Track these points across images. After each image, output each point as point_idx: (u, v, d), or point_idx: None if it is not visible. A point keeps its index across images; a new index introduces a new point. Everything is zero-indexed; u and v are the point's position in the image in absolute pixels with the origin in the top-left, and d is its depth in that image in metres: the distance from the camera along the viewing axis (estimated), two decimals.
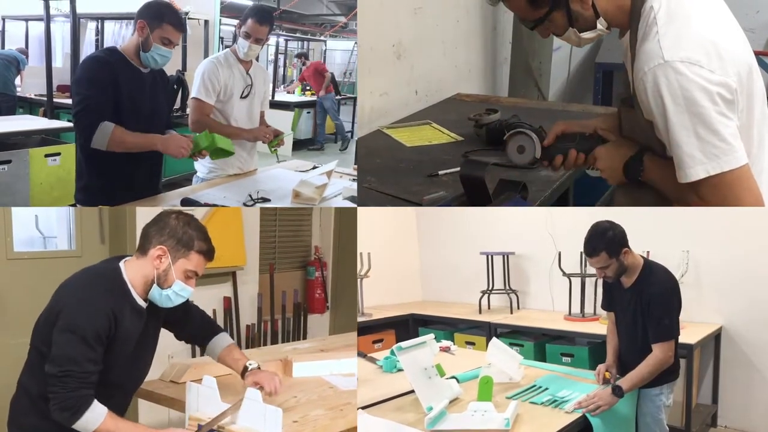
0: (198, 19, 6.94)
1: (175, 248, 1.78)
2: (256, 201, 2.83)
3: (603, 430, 2.04)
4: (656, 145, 1.71)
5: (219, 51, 5.59)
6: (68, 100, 6.33)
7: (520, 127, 2.02)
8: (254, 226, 4.04)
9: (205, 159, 3.01)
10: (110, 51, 2.76)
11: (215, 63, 3.19)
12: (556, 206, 2.69)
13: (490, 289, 4.20)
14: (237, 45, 3.21)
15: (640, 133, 1.77)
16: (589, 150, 1.90)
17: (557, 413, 2.06)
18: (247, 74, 3.28)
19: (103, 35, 7.22)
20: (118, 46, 2.77)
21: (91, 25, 7.56)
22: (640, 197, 1.86)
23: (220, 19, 7.61)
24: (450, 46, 4.23)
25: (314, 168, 3.51)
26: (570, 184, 2.86)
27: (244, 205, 2.82)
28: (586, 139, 1.92)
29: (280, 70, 11.81)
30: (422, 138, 3.16)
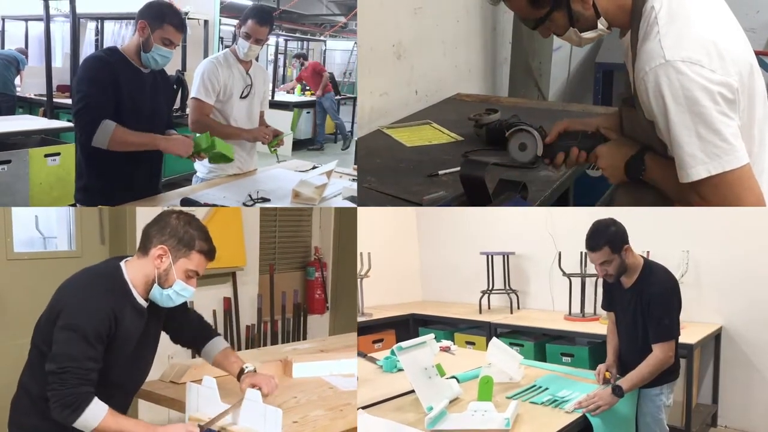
0: (198, 19, 6.93)
1: (176, 248, 1.78)
2: (256, 201, 2.83)
3: (603, 430, 2.04)
4: (657, 144, 1.71)
5: (219, 51, 5.59)
6: (68, 100, 6.32)
7: (522, 126, 2.02)
8: (254, 227, 4.04)
9: (205, 160, 3.01)
10: (111, 51, 2.76)
11: (215, 63, 3.19)
12: (556, 206, 2.68)
13: (490, 289, 4.20)
14: (237, 45, 3.21)
15: (641, 132, 1.77)
16: (591, 148, 1.90)
17: (557, 413, 2.06)
18: (247, 74, 3.28)
19: (103, 35, 7.22)
20: (118, 46, 2.77)
21: (91, 25, 7.55)
22: (641, 197, 1.86)
23: (220, 19, 7.61)
24: (450, 46, 4.23)
25: (314, 168, 3.51)
26: (570, 184, 2.86)
27: (244, 205, 2.82)
28: (588, 138, 1.92)
29: (280, 70, 11.81)
30: (422, 138, 3.15)
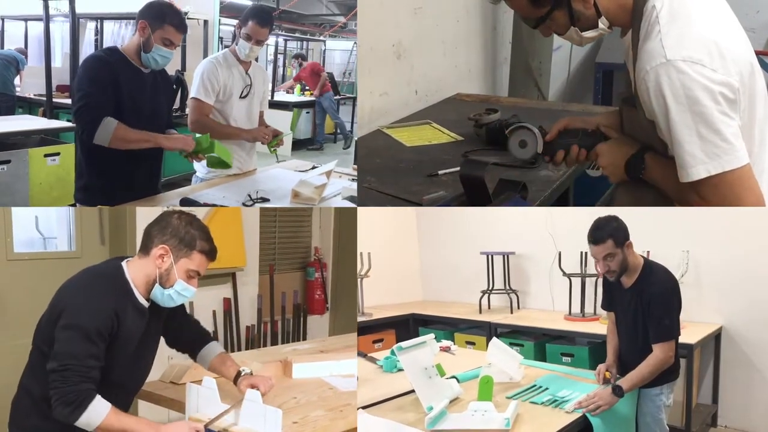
0: (197, 19, 6.93)
1: (178, 248, 1.78)
2: (256, 201, 2.83)
3: (603, 430, 2.04)
4: (658, 144, 1.71)
5: (218, 51, 5.58)
6: (67, 100, 6.32)
7: (522, 123, 2.02)
8: (254, 227, 4.04)
9: (203, 161, 3.01)
10: (111, 51, 2.76)
11: (214, 63, 3.19)
12: (556, 206, 2.68)
13: (491, 289, 4.20)
14: (238, 47, 3.20)
15: (641, 132, 1.77)
16: (591, 146, 1.90)
17: (557, 413, 2.06)
18: (247, 74, 3.28)
19: (103, 35, 7.21)
20: (119, 46, 2.77)
21: (91, 25, 7.55)
22: (641, 196, 1.86)
23: (220, 19, 7.61)
24: (450, 46, 4.22)
25: (313, 168, 3.51)
26: (570, 184, 2.86)
27: (244, 205, 2.81)
28: (589, 136, 1.92)
29: (280, 70, 11.81)
30: (422, 138, 3.15)
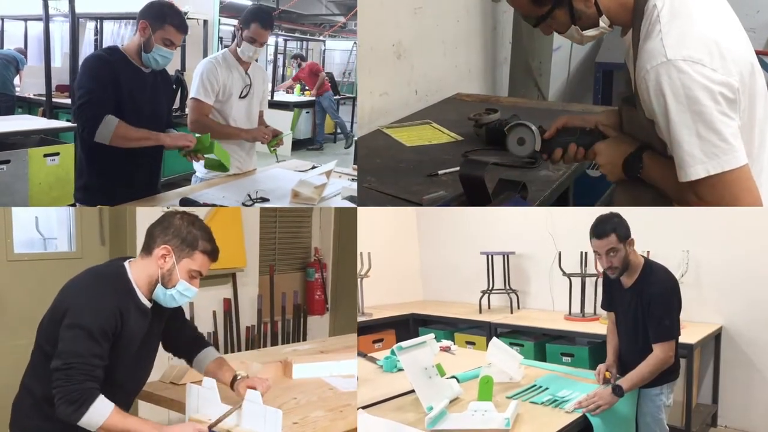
0: (197, 19, 6.92)
1: (180, 248, 1.78)
2: (255, 201, 2.83)
3: (603, 430, 2.04)
4: (657, 143, 1.71)
5: (218, 51, 5.58)
6: (67, 100, 6.32)
7: (521, 121, 2.03)
8: (254, 228, 4.04)
9: (202, 161, 3.01)
10: (111, 50, 2.76)
11: (214, 63, 3.19)
12: (555, 206, 2.68)
13: (491, 288, 4.19)
14: (241, 49, 3.19)
15: (640, 131, 1.77)
16: (589, 145, 1.90)
17: (557, 413, 2.06)
18: (246, 74, 3.28)
19: (102, 35, 7.20)
20: (119, 46, 2.77)
21: (90, 25, 7.54)
22: (639, 195, 1.86)
23: (219, 19, 7.61)
24: (450, 46, 4.22)
25: (313, 168, 3.51)
26: (570, 184, 2.86)
27: (243, 205, 2.81)
28: (587, 134, 1.93)
29: (279, 70, 11.80)
30: (422, 138, 3.15)
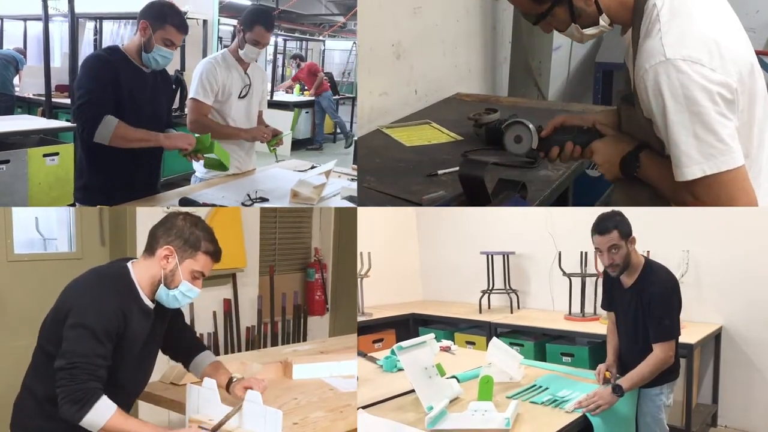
0: (196, 19, 6.92)
1: (183, 248, 1.79)
2: (255, 201, 2.83)
3: (603, 430, 2.04)
4: (655, 143, 1.71)
5: (217, 51, 5.58)
6: (67, 100, 6.32)
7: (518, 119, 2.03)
8: (254, 228, 4.03)
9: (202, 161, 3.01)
10: (112, 50, 2.76)
11: (213, 63, 3.18)
12: (555, 206, 2.68)
13: (491, 288, 4.19)
14: (244, 51, 3.17)
15: (638, 130, 1.78)
16: (586, 143, 1.91)
17: (557, 413, 2.06)
18: (246, 74, 3.28)
19: (102, 35, 7.21)
20: (120, 46, 2.77)
21: (90, 25, 7.54)
22: (636, 194, 1.87)
23: (219, 19, 7.61)
24: (450, 46, 4.22)
25: (312, 168, 3.51)
26: (569, 184, 2.86)
27: (243, 205, 2.81)
28: (584, 133, 1.93)
29: (279, 70, 11.80)
30: (422, 138, 3.15)
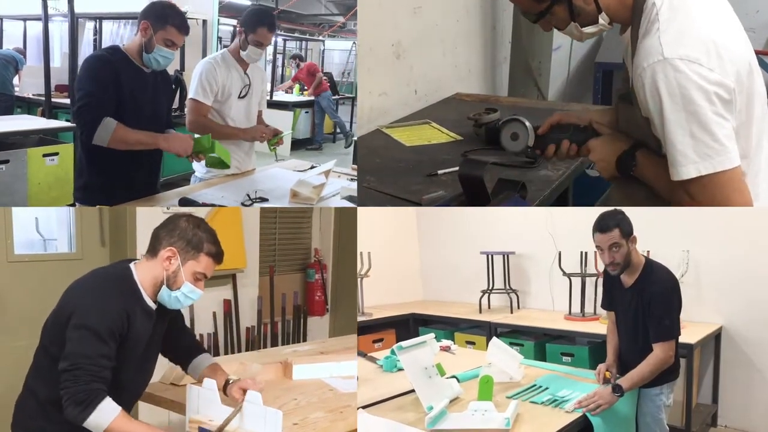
0: (196, 19, 6.92)
1: (185, 250, 1.79)
2: (254, 201, 2.82)
3: (603, 430, 2.04)
4: (652, 142, 1.71)
5: (217, 51, 5.58)
6: (66, 100, 6.32)
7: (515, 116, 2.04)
8: (254, 229, 4.03)
9: (203, 161, 3.00)
10: (113, 50, 2.75)
11: (213, 63, 3.18)
12: (555, 206, 2.68)
13: (491, 288, 4.19)
14: (246, 53, 3.17)
15: (636, 129, 1.78)
16: (583, 142, 1.92)
17: (557, 413, 2.06)
18: (245, 74, 3.27)
19: (101, 35, 7.21)
20: (120, 46, 2.77)
21: (89, 25, 7.54)
22: (633, 193, 1.87)
23: (219, 19, 7.60)
24: (449, 46, 4.22)
25: (312, 168, 3.51)
26: (569, 184, 2.86)
27: (242, 205, 2.81)
28: (580, 131, 1.95)
29: (279, 70, 11.80)
30: (421, 137, 3.15)
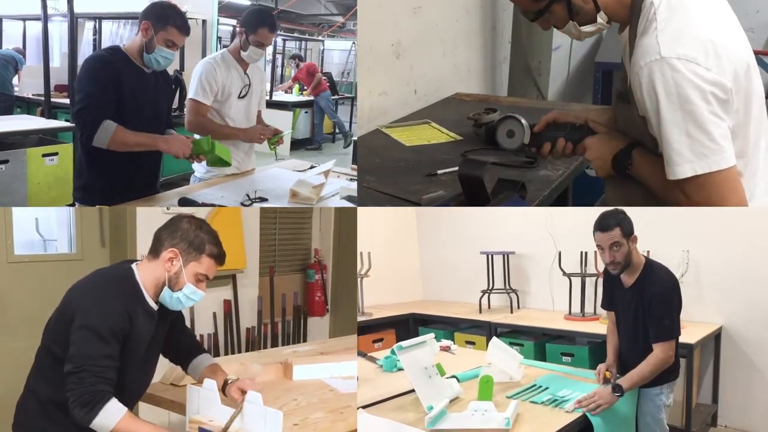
0: (196, 19, 6.92)
1: (187, 251, 1.79)
2: (254, 201, 2.82)
3: (603, 429, 2.04)
4: (649, 141, 1.71)
5: (217, 51, 5.58)
6: (66, 100, 6.32)
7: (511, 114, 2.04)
8: (254, 229, 4.03)
9: (203, 161, 3.00)
10: (113, 50, 2.75)
11: (212, 63, 3.18)
12: (555, 206, 2.68)
13: (491, 288, 4.19)
14: (248, 53, 3.16)
15: (633, 128, 1.78)
16: (579, 140, 1.92)
17: (557, 412, 2.06)
18: (245, 74, 3.27)
19: (101, 35, 7.21)
20: (121, 46, 2.76)
21: (89, 25, 7.55)
22: (629, 192, 1.87)
23: (218, 19, 7.60)
24: (449, 46, 4.22)
25: (311, 168, 3.51)
26: (569, 184, 2.86)
27: (242, 205, 2.81)
28: (576, 130, 1.95)
29: (278, 70, 11.80)
30: (421, 137, 3.15)
